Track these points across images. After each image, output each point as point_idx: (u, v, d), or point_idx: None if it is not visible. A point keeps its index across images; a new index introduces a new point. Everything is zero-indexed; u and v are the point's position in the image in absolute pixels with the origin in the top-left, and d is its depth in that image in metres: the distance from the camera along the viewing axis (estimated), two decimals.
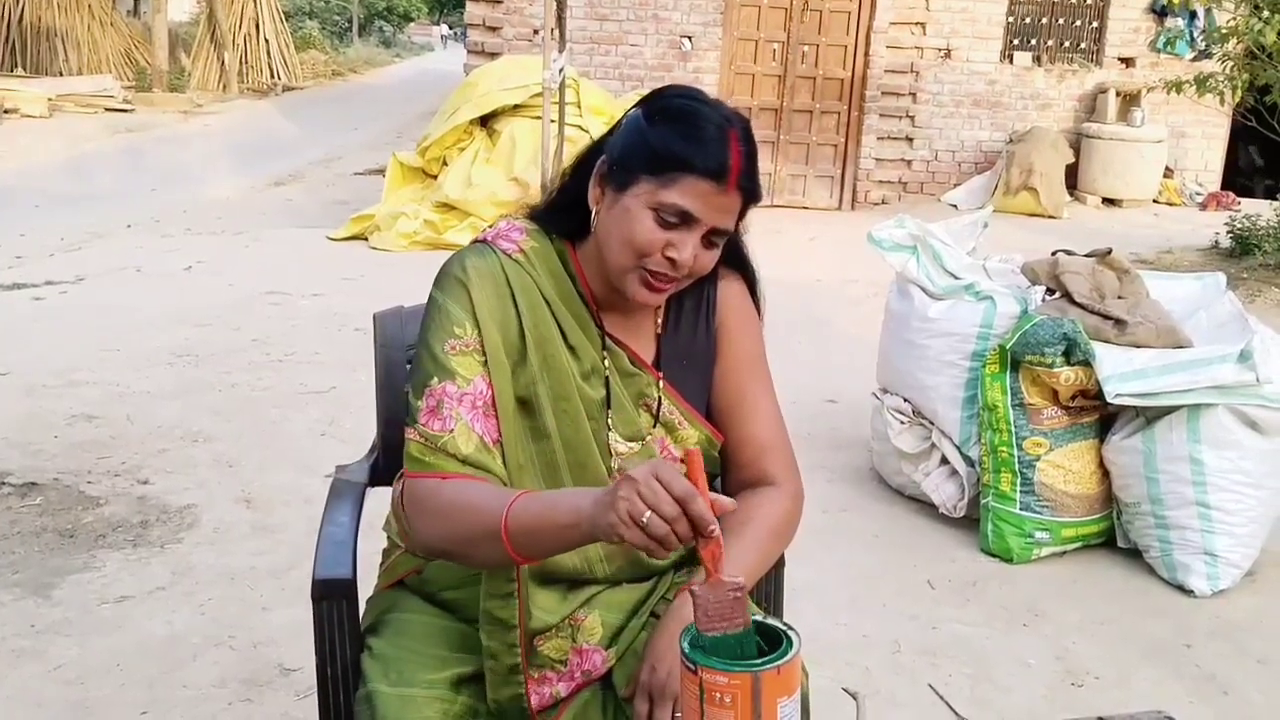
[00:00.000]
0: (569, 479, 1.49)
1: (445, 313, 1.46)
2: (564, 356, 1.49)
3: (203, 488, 3.59)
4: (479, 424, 1.42)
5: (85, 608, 2.84)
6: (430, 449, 1.40)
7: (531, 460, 1.48)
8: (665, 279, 1.44)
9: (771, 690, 1.08)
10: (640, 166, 1.41)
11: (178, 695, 2.48)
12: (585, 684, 1.47)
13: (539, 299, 1.49)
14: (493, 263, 1.49)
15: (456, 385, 1.42)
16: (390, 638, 1.51)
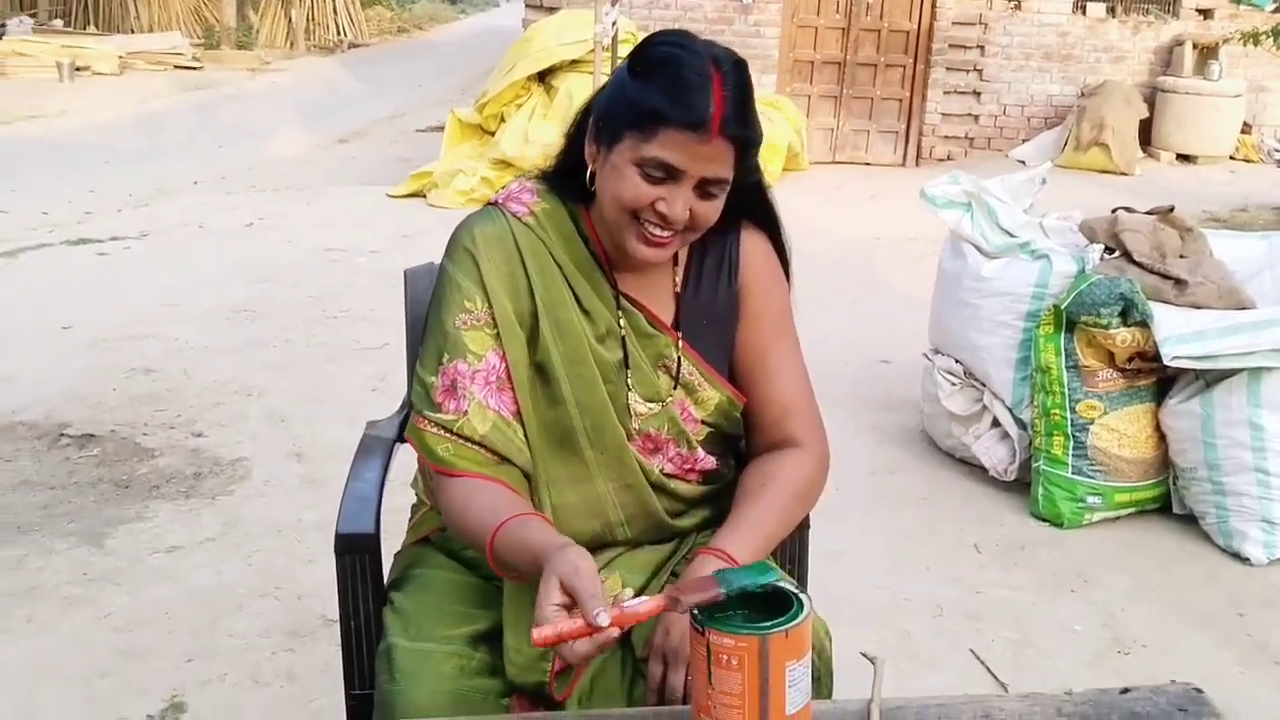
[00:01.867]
0: (586, 444, 1.48)
1: (455, 285, 1.45)
2: (577, 320, 1.47)
3: (254, 441, 3.65)
4: (493, 400, 1.42)
5: (136, 557, 2.90)
6: (445, 438, 1.40)
7: (546, 427, 1.47)
8: (663, 234, 1.40)
9: (780, 653, 1.06)
10: (623, 121, 1.38)
11: (223, 644, 2.53)
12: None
13: (549, 263, 1.47)
14: (501, 227, 1.48)
15: (468, 363, 1.42)
16: (412, 593, 1.52)
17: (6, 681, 2.40)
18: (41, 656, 2.47)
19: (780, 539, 1.49)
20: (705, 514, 1.58)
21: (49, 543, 2.96)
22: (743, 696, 1.06)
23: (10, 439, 3.61)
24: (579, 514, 1.49)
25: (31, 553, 2.91)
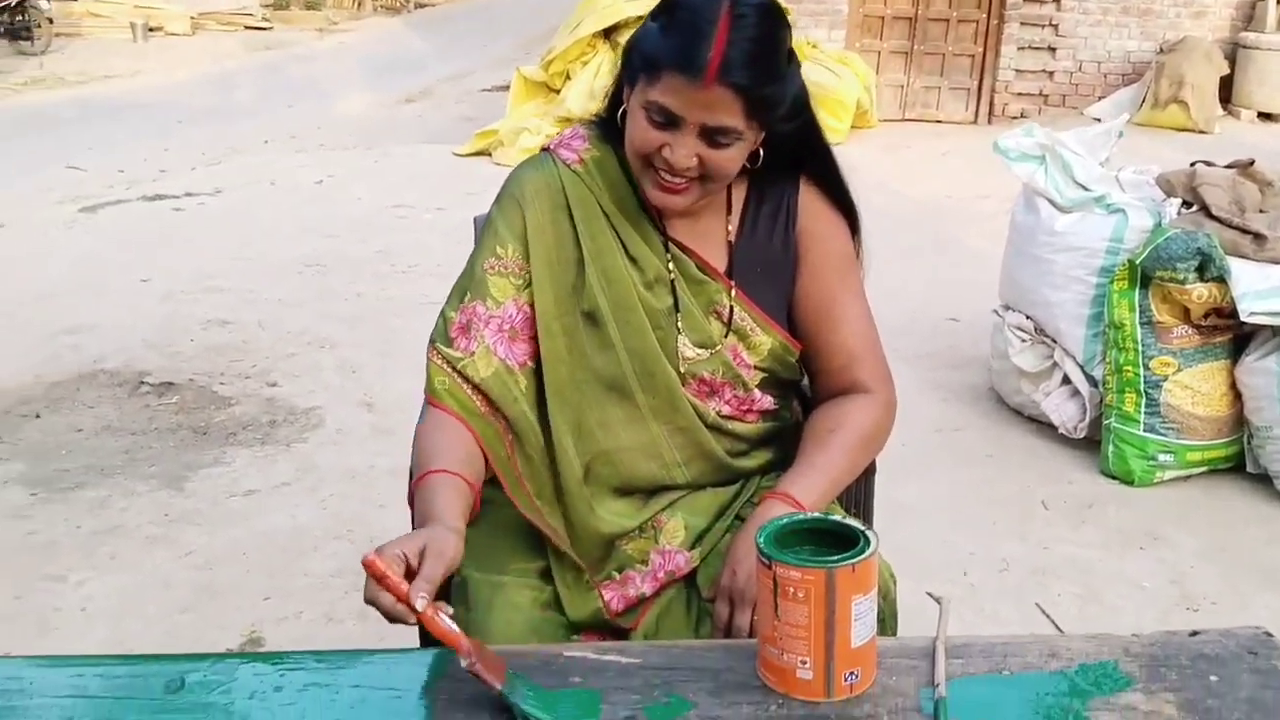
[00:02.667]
0: (637, 388, 1.48)
1: (493, 229, 1.48)
2: (624, 267, 1.47)
3: (327, 391, 3.74)
4: (502, 348, 1.45)
5: (215, 500, 3.00)
6: (447, 372, 1.43)
7: (597, 372, 1.48)
8: (674, 180, 1.39)
9: (846, 587, 1.07)
10: (637, 64, 1.37)
11: (298, 583, 2.61)
12: (669, 583, 1.49)
13: (596, 211, 1.48)
14: (550, 175, 1.49)
15: (486, 307, 1.45)
16: (484, 528, 1.54)
17: (94, 615, 2.50)
18: (126, 592, 2.57)
19: (846, 484, 1.50)
20: (768, 455, 1.58)
21: (131, 485, 3.06)
22: (808, 629, 1.08)
23: (93, 386, 3.73)
24: (635, 456, 1.51)
25: (115, 494, 3.01)
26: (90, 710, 1.10)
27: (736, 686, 1.11)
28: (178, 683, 1.14)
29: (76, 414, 3.52)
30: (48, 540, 2.80)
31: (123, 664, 1.18)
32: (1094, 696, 1.08)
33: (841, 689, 1.09)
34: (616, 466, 1.50)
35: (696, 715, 1.07)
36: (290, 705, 1.10)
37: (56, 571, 2.66)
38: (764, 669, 1.12)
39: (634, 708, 1.08)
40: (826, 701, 1.08)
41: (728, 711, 1.07)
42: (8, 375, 3.80)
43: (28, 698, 1.12)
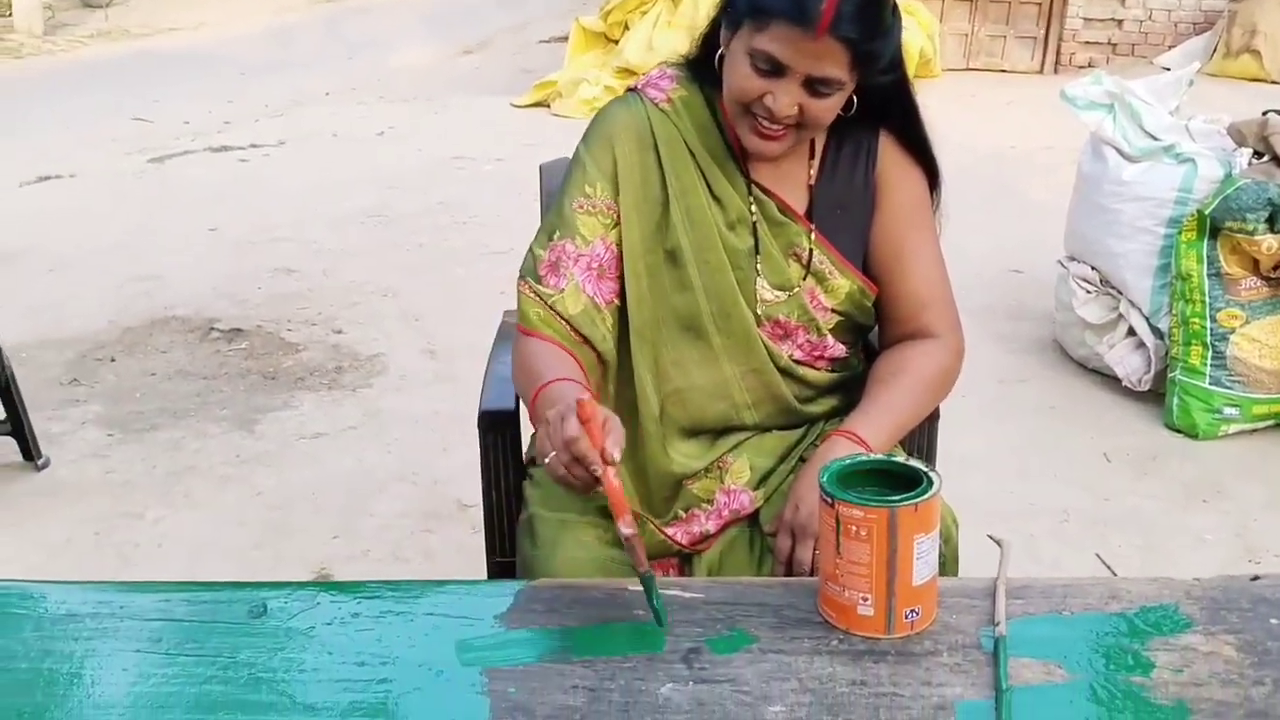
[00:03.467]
0: (713, 330, 1.50)
1: (583, 168, 1.49)
2: (707, 207, 1.48)
3: (390, 338, 3.80)
4: (590, 285, 1.46)
5: (284, 442, 3.08)
6: (539, 304, 1.45)
7: (675, 312, 1.50)
8: (773, 128, 1.39)
9: (908, 526, 1.09)
10: (744, 10, 1.37)
11: (365, 523, 2.68)
12: (733, 522, 1.52)
13: (683, 151, 1.49)
14: (639, 114, 1.50)
15: (575, 245, 1.46)
16: None
17: (170, 552, 2.59)
18: (200, 529, 2.66)
19: (911, 427, 1.52)
20: (834, 402, 1.60)
21: (203, 427, 3.15)
22: (870, 567, 1.09)
23: (165, 332, 3.83)
24: (705, 396, 1.53)
25: (188, 435, 3.10)
26: (176, 632, 1.15)
27: (798, 622, 1.14)
28: (260, 608, 1.19)
29: (150, 359, 3.61)
30: (125, 479, 2.89)
31: (206, 590, 1.23)
32: (1154, 637, 1.09)
33: (902, 626, 1.10)
34: (687, 406, 1.52)
35: (758, 648, 1.09)
36: (367, 631, 1.14)
37: (134, 509, 2.75)
38: (825, 605, 1.14)
39: (697, 640, 1.11)
40: (887, 637, 1.10)
41: (789, 645, 1.10)
42: (84, 321, 3.91)
43: (117, 620, 1.17)
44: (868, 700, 1.01)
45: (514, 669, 1.08)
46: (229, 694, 1.05)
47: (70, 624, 1.17)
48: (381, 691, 1.05)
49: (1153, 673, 1.04)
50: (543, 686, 1.05)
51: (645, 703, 1.02)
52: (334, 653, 1.11)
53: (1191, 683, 1.02)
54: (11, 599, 1.21)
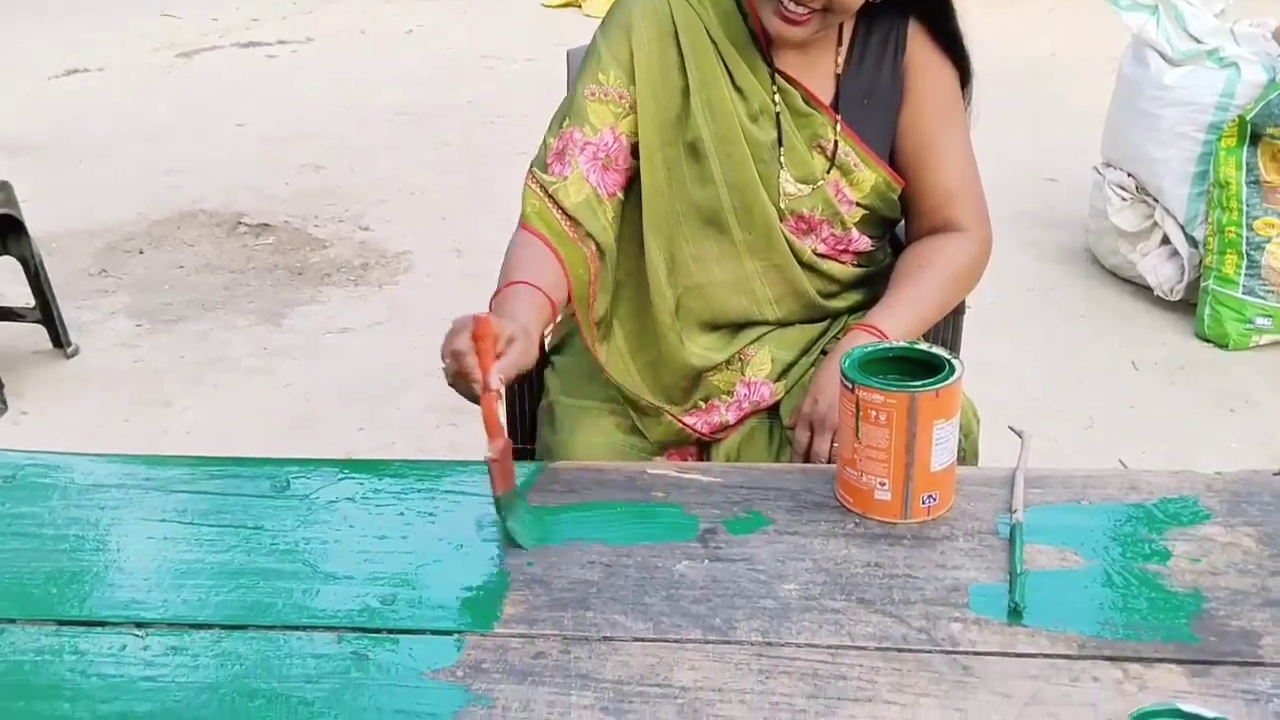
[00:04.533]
0: (734, 224, 1.48)
1: (597, 56, 1.45)
2: (729, 98, 1.44)
3: (417, 236, 3.80)
4: (595, 175, 1.43)
5: (311, 336, 3.10)
6: (539, 196, 1.42)
7: (696, 206, 1.47)
8: (798, 11, 1.35)
9: (928, 412, 1.08)
10: None
11: (391, 416, 2.71)
12: (753, 413, 1.52)
13: (705, 40, 1.45)
14: (660, 2, 1.46)
15: (584, 132, 1.43)
16: (571, 355, 1.59)
17: (198, 439, 2.62)
18: (228, 418, 2.69)
19: (935, 321, 1.50)
20: (859, 297, 1.58)
21: (231, 319, 3.18)
22: (888, 451, 1.09)
23: (193, 225, 3.84)
24: (726, 292, 1.51)
25: (216, 328, 3.13)
26: (201, 503, 1.17)
27: (814, 506, 1.14)
28: (284, 483, 1.21)
29: (178, 251, 3.63)
30: (153, 369, 2.92)
31: (231, 465, 1.25)
32: (1172, 528, 1.09)
33: (919, 511, 1.11)
34: (707, 301, 1.51)
35: (774, 530, 1.10)
36: (389, 506, 1.16)
37: (162, 398, 2.79)
38: (842, 490, 1.14)
39: (714, 521, 1.12)
40: (903, 522, 1.10)
41: (805, 528, 1.10)
42: (113, 213, 3.92)
43: (142, 492, 1.19)
44: (881, 581, 1.02)
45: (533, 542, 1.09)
46: (251, 562, 1.07)
47: (96, 493, 1.19)
48: (402, 563, 1.07)
49: (1169, 561, 1.04)
50: (560, 561, 1.06)
51: (660, 578, 1.03)
52: (355, 526, 1.13)
53: (1208, 571, 1.02)
54: (38, 469, 1.23)
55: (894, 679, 0.90)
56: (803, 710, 0.87)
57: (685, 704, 0.87)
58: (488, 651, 0.94)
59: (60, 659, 0.95)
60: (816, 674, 0.90)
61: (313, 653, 0.94)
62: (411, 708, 0.88)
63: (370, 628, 0.97)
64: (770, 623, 0.96)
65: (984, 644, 0.93)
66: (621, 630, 0.96)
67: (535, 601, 1.00)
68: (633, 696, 0.88)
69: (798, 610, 0.98)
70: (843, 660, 0.92)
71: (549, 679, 0.91)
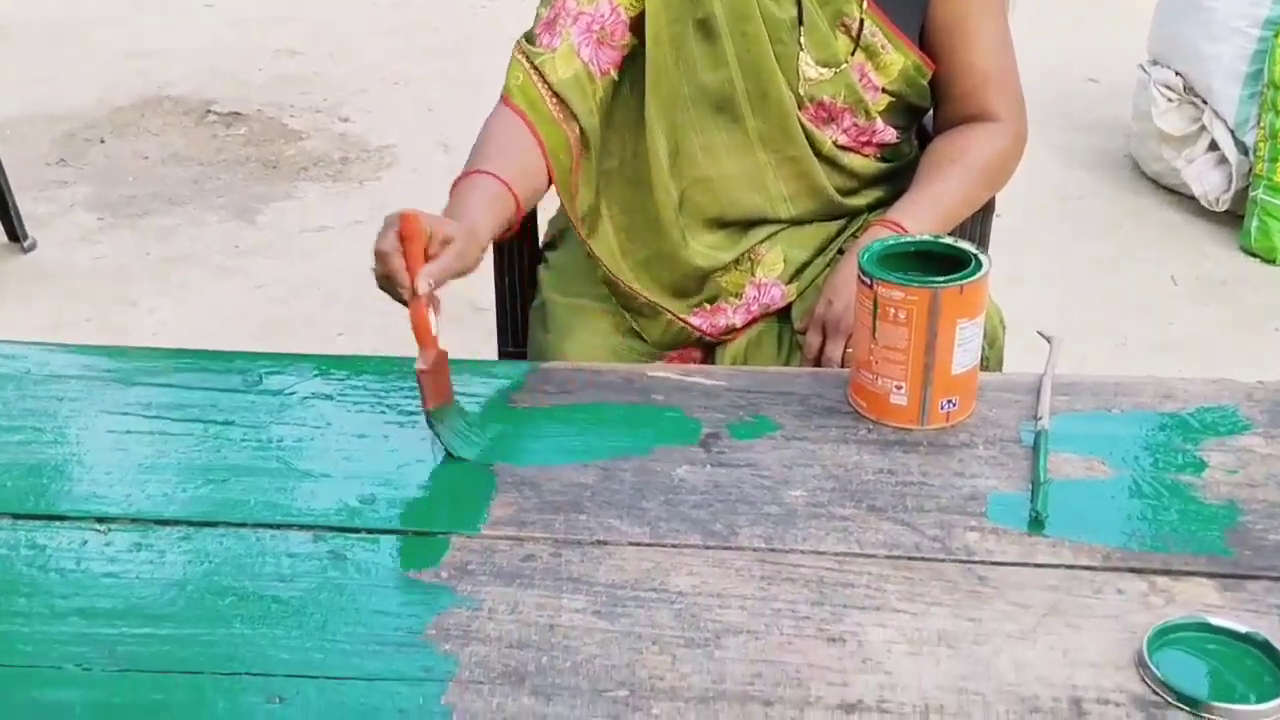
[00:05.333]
0: (746, 110, 1.45)
1: None
2: None
3: (401, 129, 3.76)
4: (588, 49, 1.41)
5: (287, 234, 3.09)
6: (525, 70, 1.40)
7: (705, 91, 1.44)
8: None
9: (951, 309, 1.08)
10: None
11: (372, 319, 2.70)
12: (762, 316, 1.52)
13: None
14: None
15: (577, 2, 1.40)
16: (566, 251, 1.58)
17: (165, 341, 2.61)
18: (197, 320, 2.70)
19: (962, 218, 1.49)
20: (880, 194, 1.56)
21: (200, 215, 3.17)
22: (906, 352, 1.09)
23: (158, 113, 3.80)
24: (737, 185, 1.49)
25: (184, 223, 3.12)
26: (166, 396, 1.18)
27: (825, 411, 1.14)
28: (256, 378, 1.21)
29: (142, 141, 3.60)
30: (117, 265, 2.92)
31: (199, 358, 1.25)
32: (1208, 438, 1.09)
33: (937, 416, 1.11)
34: (715, 196, 1.49)
35: (781, 435, 1.10)
36: (368, 404, 1.17)
37: (126, 297, 2.79)
38: (855, 394, 1.15)
39: (717, 425, 1.12)
40: (919, 428, 1.11)
41: (815, 434, 1.11)
42: (73, 98, 3.88)
43: (103, 384, 1.19)
44: (894, 488, 1.03)
45: (522, 445, 1.10)
46: (221, 458, 1.08)
47: (54, 384, 1.19)
48: (382, 462, 1.07)
49: (1204, 472, 1.04)
50: (551, 464, 1.07)
51: (659, 483, 1.04)
52: (333, 423, 1.13)
53: (1245, 483, 1.03)
54: None
55: (904, 587, 0.91)
56: (806, 616, 0.87)
57: (683, 609, 0.88)
58: (474, 553, 0.95)
59: (16, 553, 0.96)
60: (822, 581, 0.91)
61: (287, 551, 0.95)
62: (391, 608, 0.89)
63: (349, 527, 0.98)
64: (774, 529, 0.97)
65: (1001, 554, 0.94)
66: (616, 534, 0.97)
67: (525, 504, 1.01)
68: (627, 600, 0.89)
69: (804, 517, 0.99)
70: (850, 568, 0.93)
71: (538, 582, 0.91)
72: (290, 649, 0.85)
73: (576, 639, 0.86)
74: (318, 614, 0.88)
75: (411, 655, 0.84)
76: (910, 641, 0.85)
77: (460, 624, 0.87)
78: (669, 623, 0.87)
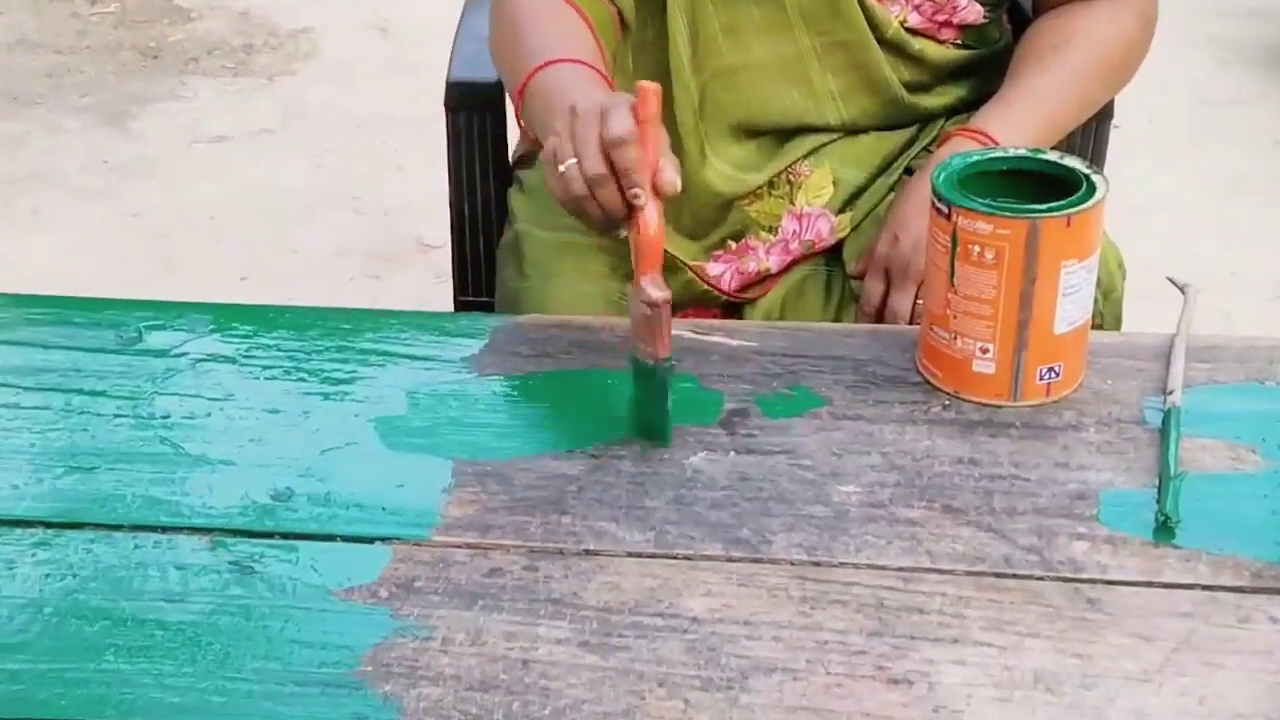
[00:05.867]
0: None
1: None
2: None
3: (322, 7, 3.76)
4: None
5: (172, 147, 3.09)
6: None
7: None
8: None
9: (1054, 246, 1.08)
10: None
11: (287, 263, 2.71)
12: (804, 258, 1.52)
13: None
14: None
15: None
16: None
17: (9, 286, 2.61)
18: (54, 258, 2.70)
19: (1070, 126, 1.50)
20: (962, 93, 1.57)
21: (57, 119, 3.17)
22: (995, 304, 1.09)
23: None
24: (770, 78, 1.49)
25: (35, 130, 3.12)
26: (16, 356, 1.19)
27: (886, 381, 1.15)
28: (134, 334, 1.21)
29: None
30: None
31: (59, 306, 1.26)
32: None
33: (1033, 389, 1.11)
34: (741, 93, 1.49)
35: (828, 413, 1.11)
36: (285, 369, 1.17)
37: None
38: (926, 359, 1.15)
39: (743, 399, 1.13)
40: (1011, 404, 1.11)
41: (871, 410, 1.11)
42: None
43: None
44: (977, 484, 1.03)
45: (487, 424, 1.10)
46: (89, 440, 1.08)
47: None
48: (302, 445, 1.08)
49: None
50: (526, 449, 1.07)
51: (666, 474, 1.04)
52: (236, 395, 1.14)
53: None
54: None
55: (990, 614, 0.91)
56: (861, 651, 0.88)
57: (698, 640, 0.89)
58: (422, 565, 0.95)
59: None
60: (882, 605, 0.92)
61: (176, 562, 0.96)
62: (314, 638, 0.89)
63: (258, 531, 0.99)
64: (819, 536, 0.98)
65: (1119, 570, 0.95)
66: (610, 542, 0.98)
67: (490, 502, 1.01)
68: (624, 629, 0.90)
69: (858, 521, 0.99)
70: (919, 587, 0.93)
71: (508, 603, 0.92)
72: (180, 690, 0.85)
73: (558, 679, 0.86)
74: (217, 645, 0.89)
75: (340, 700, 0.85)
76: (998, 684, 0.86)
77: (405, 658, 0.87)
78: (680, 658, 0.88)
